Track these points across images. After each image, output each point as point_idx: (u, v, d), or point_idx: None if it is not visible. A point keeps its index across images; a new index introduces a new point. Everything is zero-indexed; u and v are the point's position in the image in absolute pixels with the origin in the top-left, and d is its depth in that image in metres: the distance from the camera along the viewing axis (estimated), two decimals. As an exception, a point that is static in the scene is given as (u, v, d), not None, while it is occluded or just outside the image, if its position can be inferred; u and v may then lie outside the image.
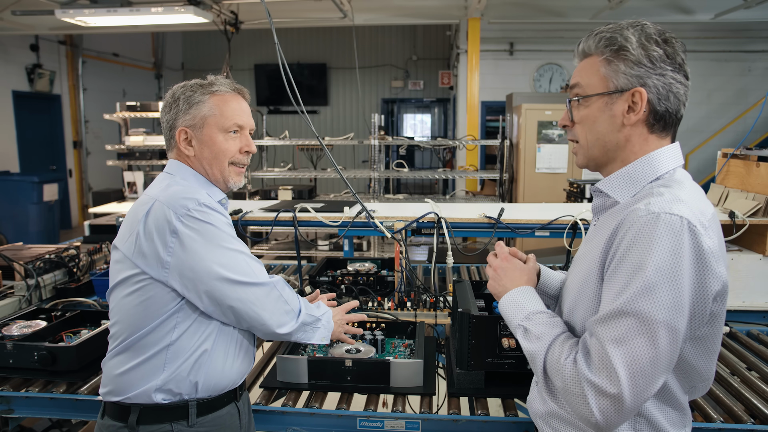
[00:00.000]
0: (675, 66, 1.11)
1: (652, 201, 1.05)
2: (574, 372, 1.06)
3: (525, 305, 1.26)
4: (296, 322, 1.51)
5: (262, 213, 2.77)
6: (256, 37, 11.47)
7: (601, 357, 1.03)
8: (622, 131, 1.14)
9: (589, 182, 4.63)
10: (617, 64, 1.12)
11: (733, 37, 8.43)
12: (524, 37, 8.72)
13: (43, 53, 9.01)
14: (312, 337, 1.57)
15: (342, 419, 1.67)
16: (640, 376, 1.00)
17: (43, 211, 7.63)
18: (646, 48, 1.11)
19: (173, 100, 1.49)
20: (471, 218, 2.61)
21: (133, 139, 6.55)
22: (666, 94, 1.11)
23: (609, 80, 1.13)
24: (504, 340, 1.64)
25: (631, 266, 1.02)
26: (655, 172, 1.14)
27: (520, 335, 1.22)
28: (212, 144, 1.49)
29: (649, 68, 1.10)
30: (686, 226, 1.01)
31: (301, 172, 6.44)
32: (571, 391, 1.06)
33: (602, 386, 1.01)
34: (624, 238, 1.05)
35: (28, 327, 2.01)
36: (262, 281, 1.44)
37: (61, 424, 2.89)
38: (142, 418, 1.38)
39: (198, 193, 1.41)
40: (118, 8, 5.84)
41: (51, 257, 2.64)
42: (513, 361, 1.66)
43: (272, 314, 1.46)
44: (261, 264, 1.48)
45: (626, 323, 1.01)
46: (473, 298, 1.82)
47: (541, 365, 1.15)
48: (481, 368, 1.69)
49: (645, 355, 1.00)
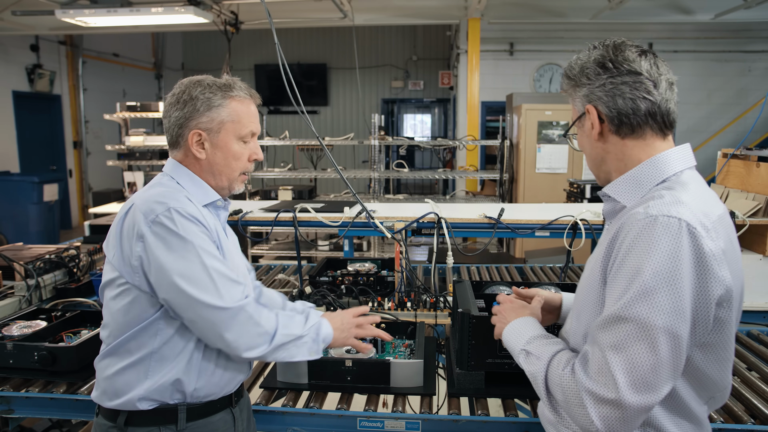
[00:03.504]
0: (606, 69, 1.15)
1: (651, 204, 1.05)
2: (571, 381, 1.06)
3: (525, 332, 1.28)
4: (269, 346, 1.38)
5: (262, 213, 2.77)
6: (256, 37, 11.47)
7: (599, 364, 1.02)
8: (598, 146, 1.21)
9: (589, 182, 4.63)
10: (573, 93, 1.23)
11: (733, 37, 8.43)
12: (524, 37, 8.73)
13: (43, 53, 9.02)
14: (296, 355, 1.44)
15: (342, 419, 1.67)
16: (642, 383, 0.99)
17: (43, 211, 7.63)
18: (582, 68, 1.19)
19: (189, 99, 1.42)
20: (471, 218, 2.61)
21: (133, 140, 6.56)
22: (611, 99, 1.15)
23: (575, 108, 1.24)
24: None
25: (630, 271, 1.02)
26: (661, 175, 1.14)
27: (522, 360, 1.23)
28: (226, 150, 1.45)
29: (589, 84, 1.18)
30: (685, 229, 1.00)
31: (301, 172, 6.44)
32: (571, 401, 1.05)
33: (600, 393, 1.00)
34: (623, 243, 1.06)
35: (28, 327, 2.00)
36: (224, 305, 1.32)
37: (61, 424, 2.89)
38: (131, 419, 1.38)
39: (174, 198, 1.36)
40: (118, 8, 5.84)
41: (51, 257, 2.64)
42: (513, 361, 1.65)
43: (238, 336, 1.35)
44: (235, 283, 1.37)
45: (624, 329, 1.01)
46: (473, 299, 1.81)
47: (543, 383, 1.15)
48: (481, 368, 1.69)
49: (645, 361, 0.99)
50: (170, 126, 1.45)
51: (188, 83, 1.44)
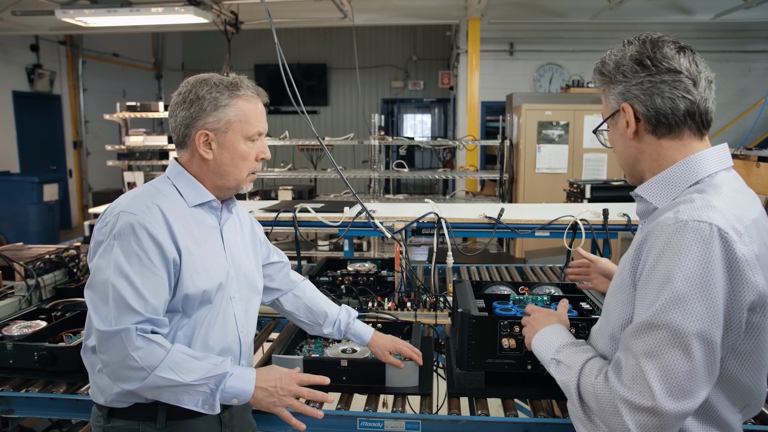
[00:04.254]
0: (644, 67, 1.12)
1: (681, 208, 1.04)
2: (605, 389, 1.05)
3: (554, 340, 1.27)
4: (141, 383, 1.27)
5: (263, 213, 2.77)
6: (257, 37, 11.47)
7: (633, 371, 1.02)
8: (632, 145, 1.19)
9: (589, 182, 4.63)
10: (606, 90, 1.20)
11: (732, 38, 8.43)
12: (524, 37, 8.73)
13: (43, 53, 9.02)
14: (183, 402, 1.30)
15: (342, 419, 1.67)
16: (678, 390, 0.98)
17: (43, 211, 7.63)
18: (618, 64, 1.16)
19: (195, 98, 1.39)
20: (471, 218, 2.61)
21: (133, 140, 6.56)
22: (649, 98, 1.12)
23: (608, 106, 1.22)
24: (504, 341, 1.63)
25: (661, 277, 1.01)
26: (694, 176, 1.12)
27: (553, 369, 1.22)
28: (234, 150, 1.43)
29: (625, 82, 1.15)
30: (716, 233, 0.99)
31: (301, 172, 6.44)
32: (606, 409, 1.04)
33: (635, 401, 1.00)
34: (653, 248, 1.04)
35: (28, 327, 2.00)
36: (102, 328, 1.27)
37: (61, 424, 2.89)
38: (114, 411, 1.41)
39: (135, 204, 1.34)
40: (118, 8, 5.84)
41: (51, 257, 2.64)
42: (513, 361, 1.65)
43: (111, 361, 1.28)
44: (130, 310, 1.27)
45: (658, 336, 1.00)
46: (473, 299, 1.81)
47: (575, 392, 1.13)
48: (481, 368, 1.69)
49: (681, 368, 0.98)
50: (177, 126, 1.43)
51: (195, 82, 1.42)
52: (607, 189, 4.59)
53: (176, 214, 1.39)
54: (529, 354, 1.55)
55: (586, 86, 7.17)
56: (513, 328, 1.62)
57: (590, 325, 1.48)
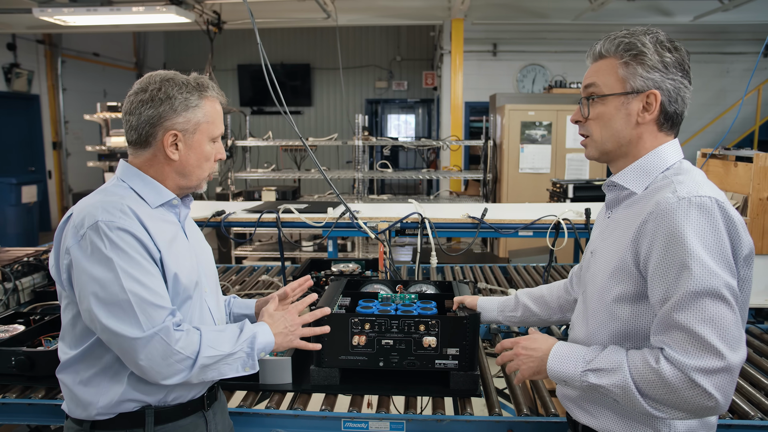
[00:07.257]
0: (683, 72, 1.24)
1: (678, 188, 1.15)
2: (674, 371, 1.08)
3: (576, 354, 1.25)
4: (190, 371, 1.30)
5: (246, 214, 2.75)
6: (240, 37, 11.39)
7: (694, 342, 1.08)
8: (636, 129, 1.25)
9: (571, 182, 4.67)
10: (635, 67, 1.23)
11: (711, 39, 8.58)
12: (507, 38, 8.79)
13: (20, 52, 8.86)
14: (227, 372, 1.37)
15: (326, 420, 1.66)
16: (734, 342, 1.08)
17: (21, 213, 7.50)
18: (660, 54, 1.22)
19: (166, 97, 1.36)
20: (455, 218, 2.62)
21: (114, 140, 6.47)
22: (676, 97, 1.24)
23: (626, 81, 1.24)
24: (355, 338, 1.67)
25: (681, 253, 1.10)
26: (664, 164, 1.25)
27: (593, 380, 1.19)
28: (199, 151, 1.42)
29: (663, 73, 1.22)
30: (716, 204, 1.12)
31: (285, 172, 6.42)
32: (680, 389, 1.08)
33: (710, 366, 1.06)
34: (660, 226, 1.13)
35: (6, 332, 1.97)
36: (134, 335, 1.25)
37: (40, 430, 2.84)
38: (98, 424, 1.36)
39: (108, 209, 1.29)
40: (98, 7, 5.77)
41: (29, 260, 2.59)
42: (365, 358, 1.68)
43: (153, 364, 1.27)
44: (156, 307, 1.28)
45: (701, 303, 1.08)
46: (339, 296, 1.85)
47: (634, 389, 1.13)
48: (334, 365, 1.71)
49: (729, 321, 1.08)
50: (139, 124, 1.37)
51: (161, 81, 1.38)
52: (590, 189, 4.64)
53: (146, 216, 1.36)
54: (382, 351, 1.64)
55: (568, 87, 7.24)
56: (364, 325, 1.66)
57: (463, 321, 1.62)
